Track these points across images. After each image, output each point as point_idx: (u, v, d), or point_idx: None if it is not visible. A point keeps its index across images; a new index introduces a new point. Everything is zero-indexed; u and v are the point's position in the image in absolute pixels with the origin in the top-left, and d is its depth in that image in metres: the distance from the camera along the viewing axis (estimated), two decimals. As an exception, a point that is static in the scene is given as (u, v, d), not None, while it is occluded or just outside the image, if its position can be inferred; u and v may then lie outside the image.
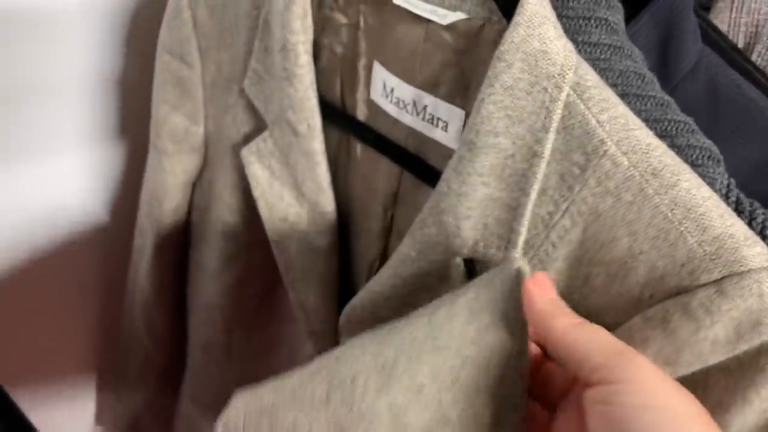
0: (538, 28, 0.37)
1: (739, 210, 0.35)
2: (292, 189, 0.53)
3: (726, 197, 0.35)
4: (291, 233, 0.54)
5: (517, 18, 0.37)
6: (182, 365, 0.75)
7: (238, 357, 0.68)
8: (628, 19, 0.42)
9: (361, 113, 0.51)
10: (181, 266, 0.70)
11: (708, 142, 0.35)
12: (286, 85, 0.50)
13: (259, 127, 0.55)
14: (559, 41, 0.37)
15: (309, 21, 0.48)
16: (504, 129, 0.39)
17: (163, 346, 0.73)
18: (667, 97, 0.36)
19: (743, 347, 0.34)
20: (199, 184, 0.65)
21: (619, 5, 0.39)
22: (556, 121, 0.37)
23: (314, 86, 0.50)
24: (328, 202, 0.52)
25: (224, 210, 0.61)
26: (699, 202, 0.34)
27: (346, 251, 0.56)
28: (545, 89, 0.37)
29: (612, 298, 0.38)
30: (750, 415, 0.36)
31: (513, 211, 0.40)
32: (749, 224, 0.34)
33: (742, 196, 0.35)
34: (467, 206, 0.41)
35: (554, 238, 0.40)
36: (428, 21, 0.44)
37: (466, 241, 0.42)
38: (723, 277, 0.33)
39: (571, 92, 0.37)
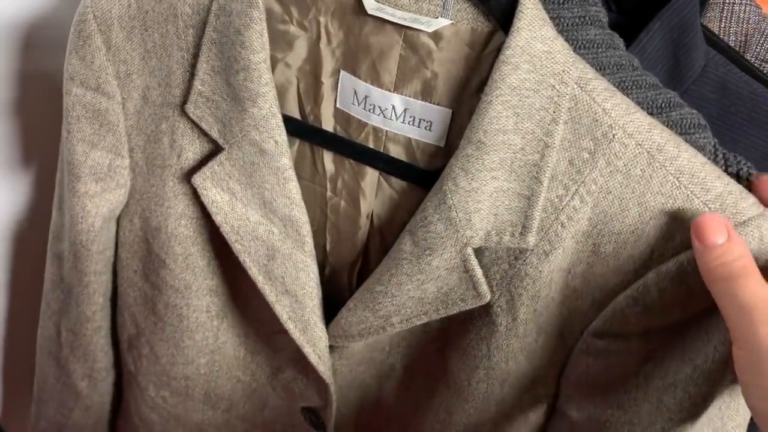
0: (539, 31, 0.40)
1: (727, 164, 0.41)
2: (259, 207, 0.51)
3: (715, 155, 0.41)
4: (266, 251, 0.52)
5: (518, 23, 0.39)
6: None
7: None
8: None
9: (328, 123, 0.51)
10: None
11: (695, 112, 0.41)
12: (249, 105, 0.47)
13: (209, 150, 0.52)
14: (557, 40, 0.40)
15: (266, 37, 0.47)
16: (513, 126, 0.41)
17: (104, 389, 0.68)
18: (654, 79, 0.41)
19: None
20: (124, 218, 0.60)
21: None
22: (564, 114, 0.41)
23: (277, 102, 0.48)
24: (301, 214, 0.51)
25: (169, 241, 0.57)
26: (699, 168, 0.40)
27: (321, 256, 0.56)
28: (552, 86, 0.40)
29: (621, 262, 0.43)
30: None
31: (525, 199, 0.43)
32: (737, 176, 0.41)
33: (727, 152, 0.41)
34: (477, 200, 0.44)
35: (563, 219, 0.44)
36: (404, 28, 0.45)
37: (477, 231, 0.44)
38: None
39: (575, 86, 0.40)
